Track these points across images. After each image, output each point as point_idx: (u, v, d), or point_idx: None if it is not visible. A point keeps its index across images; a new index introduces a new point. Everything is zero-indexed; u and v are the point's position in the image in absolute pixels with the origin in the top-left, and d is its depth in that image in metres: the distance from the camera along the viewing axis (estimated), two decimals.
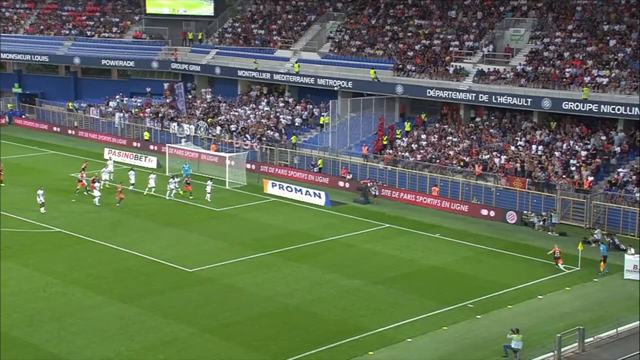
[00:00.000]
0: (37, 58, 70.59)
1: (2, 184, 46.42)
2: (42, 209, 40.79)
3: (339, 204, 44.97)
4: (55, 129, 67.40)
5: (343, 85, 55.64)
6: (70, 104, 69.18)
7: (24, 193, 45.54)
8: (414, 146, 51.17)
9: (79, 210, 42.33)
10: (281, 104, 60.45)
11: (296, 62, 60.31)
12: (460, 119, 52.83)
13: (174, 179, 45.23)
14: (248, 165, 51.73)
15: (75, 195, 44.42)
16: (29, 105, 72.22)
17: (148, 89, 68.18)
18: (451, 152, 49.09)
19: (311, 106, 58.96)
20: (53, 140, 63.11)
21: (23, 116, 71.20)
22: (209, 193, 44.22)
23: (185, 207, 43.41)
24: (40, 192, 41.35)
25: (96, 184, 43.65)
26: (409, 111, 55.78)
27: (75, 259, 34.02)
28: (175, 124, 60.64)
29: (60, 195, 45.06)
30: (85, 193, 44.61)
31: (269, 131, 56.21)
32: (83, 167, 47.24)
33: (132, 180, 46.07)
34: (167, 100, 65.53)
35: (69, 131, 66.25)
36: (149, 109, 64.86)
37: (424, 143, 51.19)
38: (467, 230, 40.66)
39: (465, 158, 48.00)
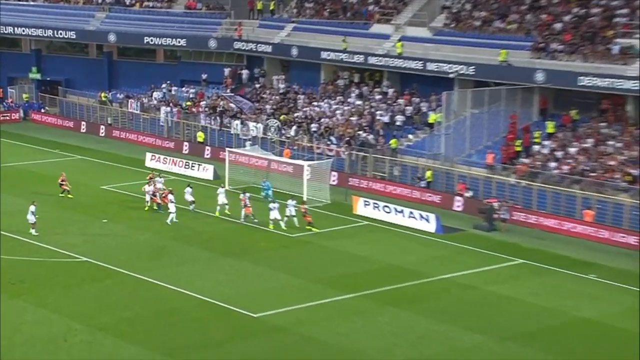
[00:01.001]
0: (60, 34, 72.56)
1: (70, 196, 48.40)
2: (33, 231, 41.80)
3: (453, 231, 44.84)
4: (82, 127, 68.96)
5: (462, 72, 55.13)
6: (102, 94, 70.73)
7: (43, 210, 45.85)
8: (559, 154, 50.32)
9: (111, 233, 42.90)
10: (378, 97, 60.25)
11: (399, 41, 60.11)
12: (627, 118, 51.58)
13: (244, 194, 45.77)
14: (333, 177, 51.88)
15: (150, 213, 46.02)
16: (49, 95, 74.20)
17: (203, 76, 69.16)
18: (613, 163, 48.03)
19: (418, 99, 58.79)
20: (80, 142, 64.46)
21: (42, 110, 73.25)
22: (287, 216, 44.32)
23: (250, 232, 43.82)
24: (32, 208, 41.96)
25: (170, 196, 45.05)
26: (552, 106, 54.88)
27: (105, 297, 34.48)
28: (238, 121, 61.32)
29: (88, 214, 46.01)
30: (155, 209, 46.27)
31: (360, 132, 56.30)
32: (149, 178, 48.81)
33: (190, 198, 46.89)
34: (228, 91, 66.36)
35: (101, 130, 67.71)
36: (204, 102, 65.65)
37: (574, 150, 50.26)
38: (635, 270, 39.52)
39: (633, 171, 46.89)
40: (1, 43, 76.48)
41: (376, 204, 47.14)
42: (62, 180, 49.26)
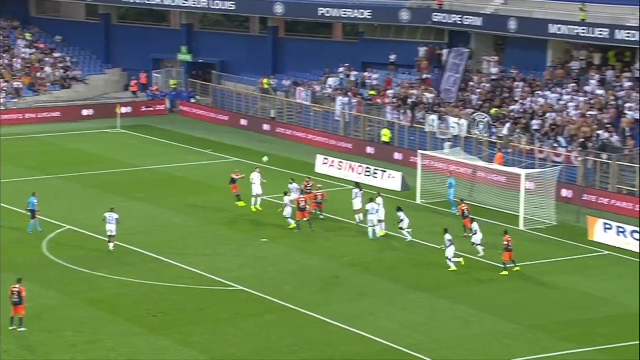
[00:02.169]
0: (217, 4, 73.15)
1: (239, 203, 49.75)
2: (111, 245, 43.57)
3: None
4: (241, 121, 69.82)
5: None
6: (265, 80, 71.46)
7: (192, 225, 48.14)
8: None
9: (272, 255, 43.96)
10: (627, 84, 58.46)
11: None
12: None
13: (400, 212, 45.98)
14: (562, 192, 51.29)
15: (311, 229, 46.99)
16: (201, 82, 75.50)
17: (392, 57, 68.79)
18: None
19: None
20: (237, 141, 65.45)
21: (192, 100, 74.62)
22: (476, 245, 44.08)
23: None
24: (114, 216, 43.33)
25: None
26: None
27: (264, 337, 35.18)
28: (434, 116, 60.98)
29: (245, 231, 47.32)
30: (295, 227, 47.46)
31: (601, 132, 54.97)
32: (305, 185, 49.55)
33: (357, 207, 48.08)
34: (424, 77, 65.97)
35: (263, 125, 68.38)
36: (391, 91, 65.50)
37: None
38: None
39: None
40: (147, 16, 78.79)
41: (621, 228, 46.10)
42: (234, 179, 50.16)
